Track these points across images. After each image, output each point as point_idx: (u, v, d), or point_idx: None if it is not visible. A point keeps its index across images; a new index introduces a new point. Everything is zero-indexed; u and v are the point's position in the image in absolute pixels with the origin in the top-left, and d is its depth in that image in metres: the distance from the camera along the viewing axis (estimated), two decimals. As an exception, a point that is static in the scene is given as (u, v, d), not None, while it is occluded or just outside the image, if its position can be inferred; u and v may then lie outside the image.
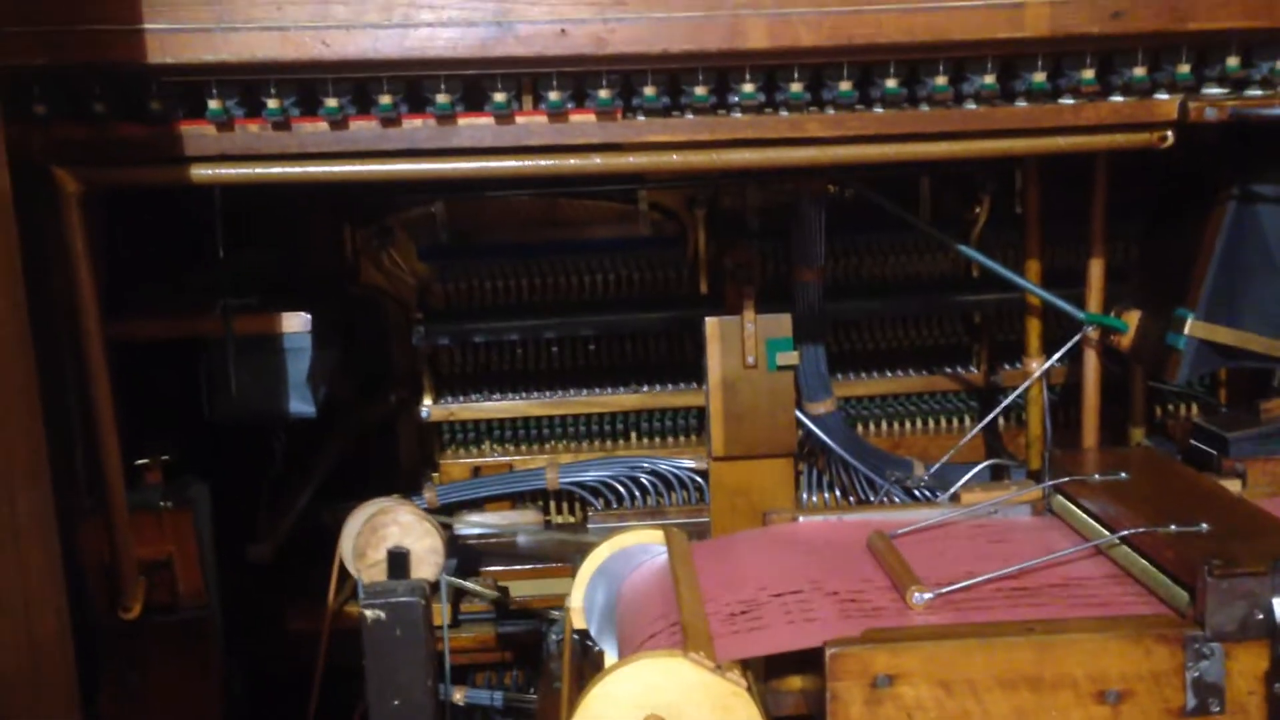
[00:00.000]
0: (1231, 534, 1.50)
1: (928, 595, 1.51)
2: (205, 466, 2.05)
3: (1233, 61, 1.63)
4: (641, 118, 1.67)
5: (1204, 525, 1.52)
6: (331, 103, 1.64)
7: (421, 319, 2.47)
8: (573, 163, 1.69)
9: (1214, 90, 1.67)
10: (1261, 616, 1.37)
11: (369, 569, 1.61)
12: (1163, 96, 1.67)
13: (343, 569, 1.92)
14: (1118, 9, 1.57)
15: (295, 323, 2.05)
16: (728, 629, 1.51)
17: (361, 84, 1.65)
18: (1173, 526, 1.53)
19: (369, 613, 1.47)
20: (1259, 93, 1.66)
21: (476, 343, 2.53)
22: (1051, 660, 1.39)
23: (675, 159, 1.69)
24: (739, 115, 1.67)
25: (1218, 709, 1.39)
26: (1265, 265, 1.81)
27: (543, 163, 1.69)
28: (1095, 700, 1.39)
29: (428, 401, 2.50)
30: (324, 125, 1.67)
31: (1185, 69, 1.65)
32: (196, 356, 2.06)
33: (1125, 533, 1.58)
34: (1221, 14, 1.57)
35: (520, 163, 1.69)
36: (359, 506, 1.85)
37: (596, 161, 1.69)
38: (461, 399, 2.52)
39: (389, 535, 1.60)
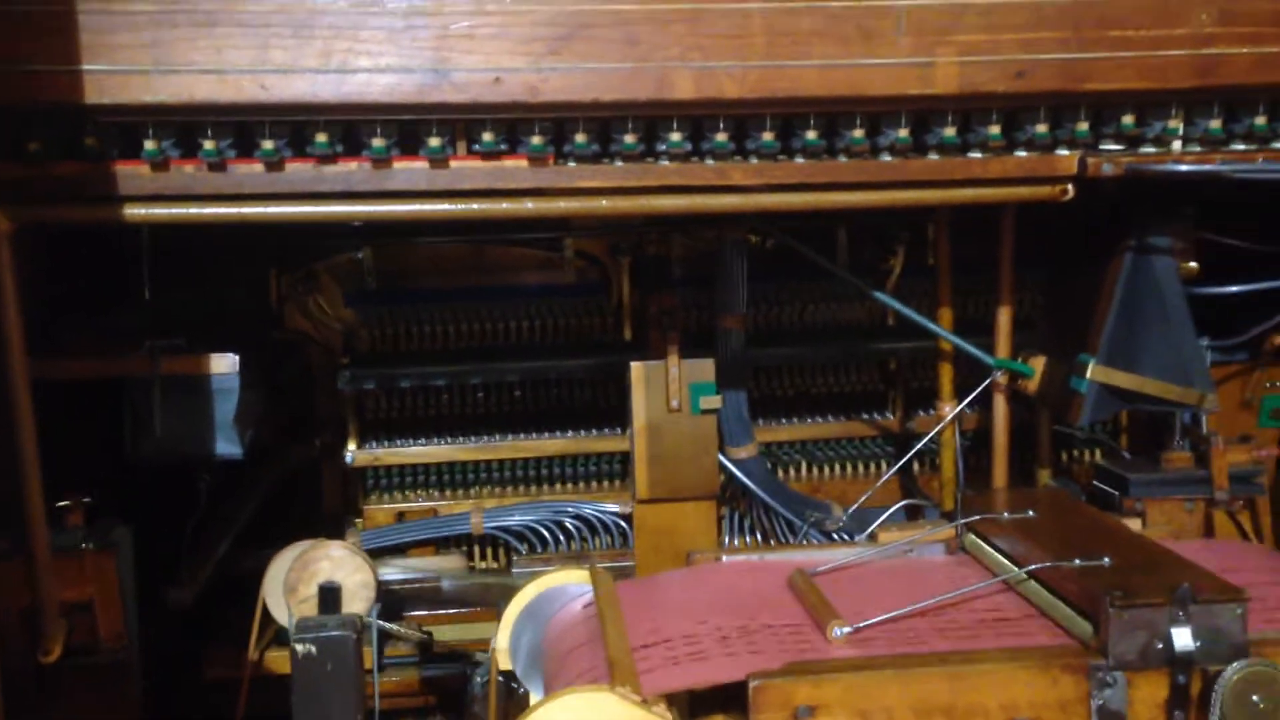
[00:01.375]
0: (1132, 568, 1.57)
1: (847, 629, 1.56)
2: (128, 508, 2.03)
3: (1128, 120, 1.74)
4: (573, 164, 1.72)
5: (1106, 560, 1.59)
6: (268, 145, 1.66)
7: (347, 363, 2.48)
8: (505, 206, 1.73)
9: (1111, 147, 1.77)
10: (1161, 646, 1.43)
11: (300, 605, 1.61)
12: (1063, 152, 1.77)
13: (265, 615, 1.91)
14: (1021, 69, 1.66)
15: (223, 364, 2.05)
16: (653, 664, 1.53)
17: (298, 127, 1.67)
18: (1077, 561, 1.59)
19: (300, 647, 1.47)
20: (1152, 150, 1.77)
21: (402, 387, 2.53)
22: (964, 690, 1.43)
23: (605, 204, 1.74)
24: (667, 163, 1.73)
25: (1121, 735, 1.45)
26: (1159, 313, 1.90)
27: (475, 206, 1.73)
28: (1006, 728, 1.44)
29: (352, 446, 2.50)
30: (259, 167, 1.68)
31: (1084, 127, 1.74)
32: (120, 396, 2.05)
33: (1033, 568, 1.65)
34: (1117, 76, 1.67)
35: (454, 206, 1.72)
36: (284, 550, 1.86)
37: (528, 206, 1.73)
38: (386, 444, 2.52)
39: (320, 570, 1.60)
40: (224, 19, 1.57)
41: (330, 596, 1.56)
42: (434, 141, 1.68)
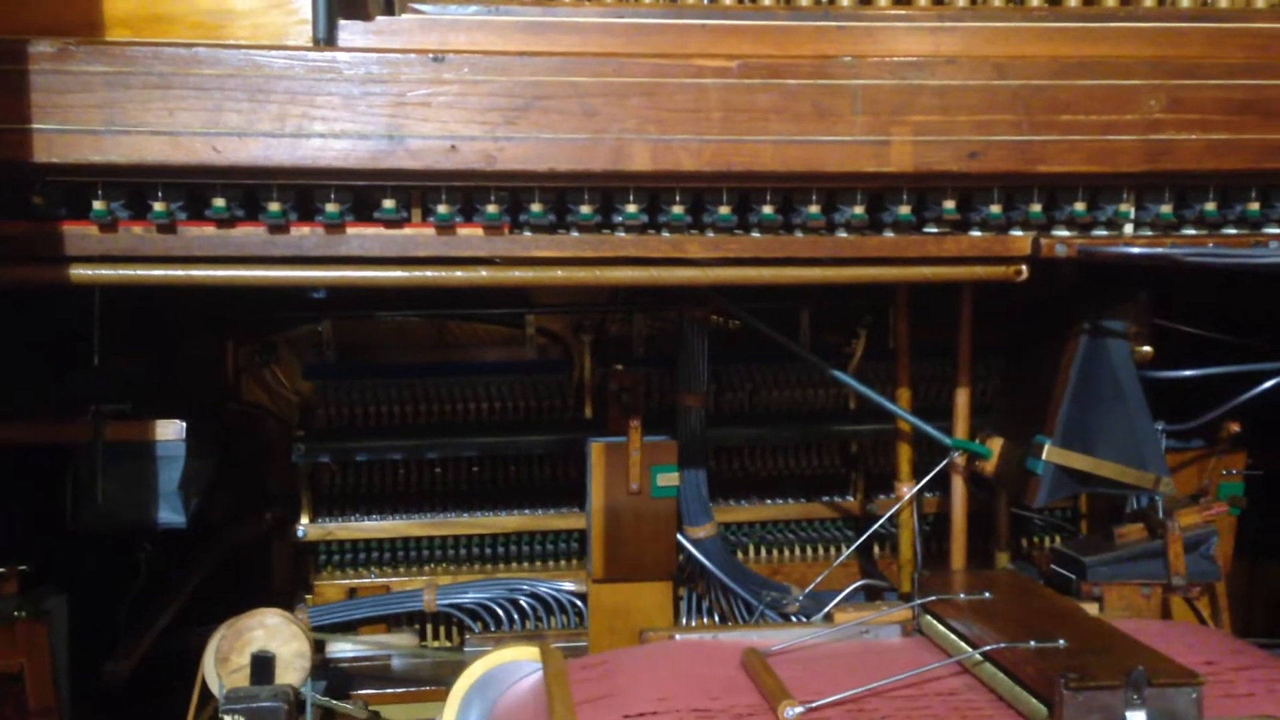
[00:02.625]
0: (1088, 650, 1.55)
1: (799, 710, 1.52)
2: (67, 578, 1.97)
3: (1080, 203, 1.75)
4: (528, 233, 1.72)
5: (1062, 642, 1.57)
6: (219, 204, 1.65)
7: (302, 436, 2.45)
8: (459, 275, 1.72)
9: (1064, 230, 1.78)
10: (1115, 729, 1.41)
11: (231, 675, 1.55)
12: (1017, 233, 1.78)
13: (205, 690, 1.85)
14: (974, 150, 1.68)
15: (169, 431, 2.02)
16: (600, 744, 1.50)
17: (250, 190, 1.67)
18: (1032, 643, 1.57)
19: (228, 719, 1.41)
20: (1105, 233, 1.78)
21: (358, 462, 2.51)
22: (917, 772, 1.40)
23: (560, 274, 1.73)
24: (623, 235, 1.73)
25: (1077, 820, 1.41)
26: (1114, 395, 1.91)
27: (429, 274, 1.71)
28: (958, 813, 1.40)
29: (304, 520, 2.46)
30: (210, 229, 1.67)
31: (1037, 208, 1.76)
32: (61, 463, 2.00)
33: (988, 649, 1.62)
34: (1068, 159, 1.69)
35: (407, 273, 1.71)
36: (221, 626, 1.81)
37: (483, 274, 1.72)
38: (340, 519, 2.48)
39: (254, 639, 1.55)
40: (178, 81, 1.57)
41: (262, 666, 1.51)
42: (388, 205, 1.68)
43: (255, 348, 2.54)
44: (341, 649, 2.36)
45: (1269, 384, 2.02)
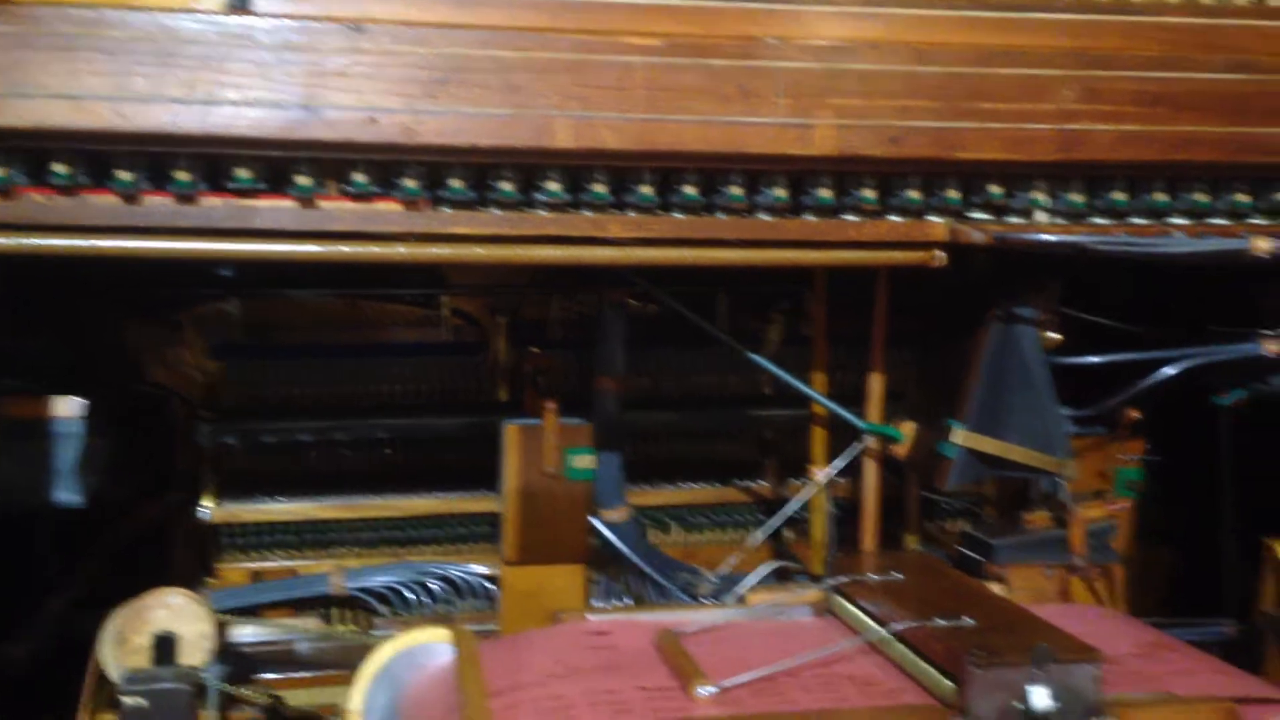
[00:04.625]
0: (994, 629, 1.58)
1: (711, 689, 1.53)
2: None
3: (995, 190, 1.78)
4: (448, 210, 1.69)
5: (969, 621, 1.60)
6: (124, 176, 1.60)
7: (208, 417, 2.39)
8: (376, 250, 1.68)
9: (979, 216, 1.81)
10: (1020, 706, 1.44)
11: (131, 655, 1.50)
12: (935, 219, 1.80)
13: (100, 677, 1.79)
14: (895, 135, 1.70)
15: (67, 408, 1.95)
16: (513, 724, 1.48)
17: (158, 159, 1.61)
18: (941, 622, 1.60)
19: (128, 700, 1.36)
20: (1019, 220, 1.82)
21: (265, 443, 2.45)
22: (828, 749, 1.42)
23: (480, 252, 1.70)
24: (544, 213, 1.71)
25: (981, 796, 1.44)
26: (1024, 382, 1.95)
27: (345, 249, 1.68)
28: (869, 789, 1.42)
29: (209, 502, 2.40)
30: (115, 199, 1.62)
31: (955, 194, 1.78)
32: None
33: (898, 627, 1.65)
34: (986, 146, 1.72)
35: (322, 248, 1.67)
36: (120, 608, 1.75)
37: (401, 251, 1.69)
38: (246, 501, 2.42)
39: (156, 619, 1.51)
40: (83, 43, 1.51)
41: (165, 647, 1.47)
42: (303, 180, 1.64)
43: (160, 326, 2.47)
44: (243, 633, 2.30)
45: (1167, 372, 2.08)
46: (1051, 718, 1.43)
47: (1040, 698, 1.44)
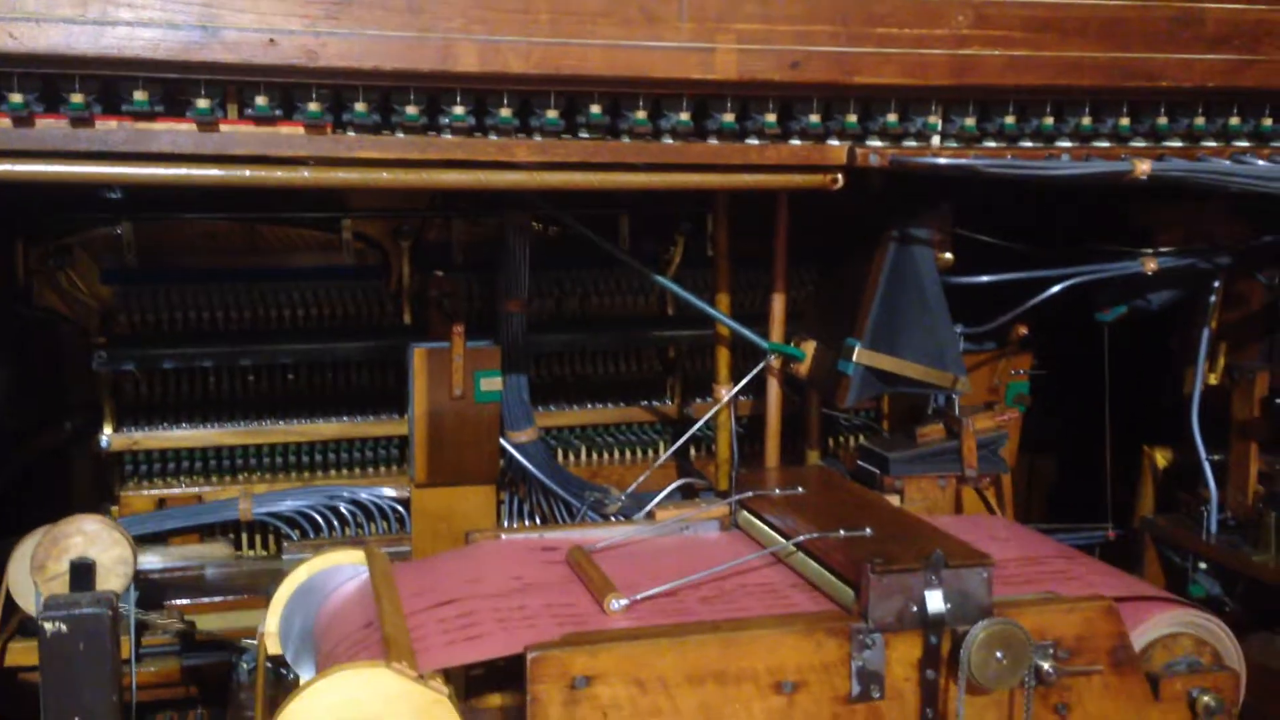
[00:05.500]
0: (891, 538, 1.66)
1: (623, 602, 1.58)
2: None
3: (892, 115, 1.83)
4: (352, 134, 1.67)
5: (868, 531, 1.67)
6: (16, 99, 1.55)
7: (103, 343, 2.34)
8: (280, 175, 1.66)
9: (877, 141, 1.85)
10: (916, 609, 1.52)
11: (49, 582, 1.50)
12: (834, 143, 1.84)
13: (10, 605, 1.78)
14: (795, 60, 1.72)
15: (-46, 334, 1.90)
16: (431, 641, 1.52)
17: (51, 80, 1.57)
18: (841, 532, 1.67)
19: (48, 625, 1.36)
20: (914, 144, 1.86)
21: (165, 369, 2.42)
22: (735, 655, 1.48)
23: (385, 176, 1.69)
24: (450, 137, 1.70)
25: (878, 695, 1.52)
26: (919, 301, 2.01)
27: (248, 173, 1.65)
28: (774, 691, 1.49)
29: (108, 430, 2.37)
30: (7, 122, 1.56)
31: (853, 119, 1.82)
32: None
33: (800, 539, 1.72)
34: (883, 70, 1.75)
35: (223, 171, 1.64)
36: (31, 533, 1.73)
37: (305, 175, 1.67)
38: (146, 428, 2.40)
39: (73, 546, 1.50)
40: (-30, -40, 1.45)
41: (83, 572, 1.46)
42: (202, 103, 1.61)
43: (48, 250, 2.40)
44: (151, 560, 2.30)
45: (1053, 289, 2.17)
46: (945, 619, 1.52)
47: (935, 601, 1.52)
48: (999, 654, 1.49)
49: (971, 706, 1.53)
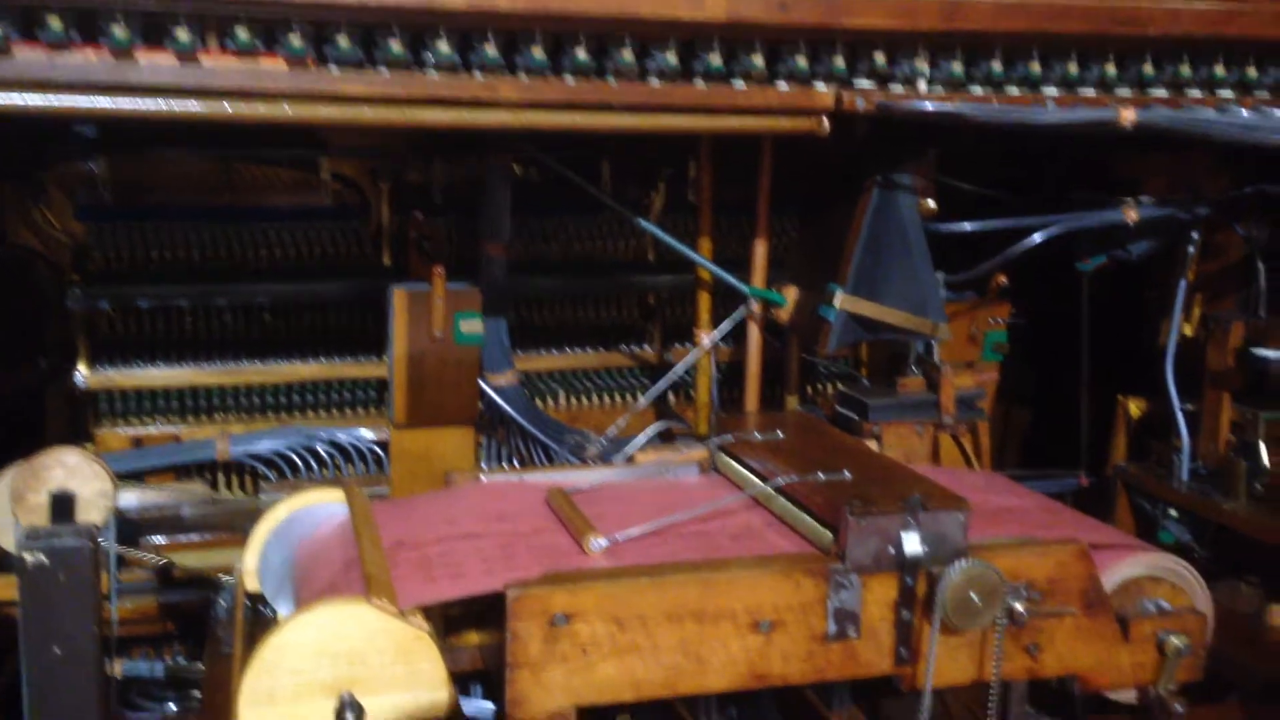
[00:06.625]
0: (869, 482, 1.67)
1: (603, 542, 1.59)
2: None
3: (879, 59, 1.82)
4: (335, 69, 1.65)
5: (847, 474, 1.69)
6: (-10, 24, 1.52)
7: (78, 281, 2.32)
8: (261, 110, 1.64)
9: (864, 84, 1.84)
10: (893, 551, 1.54)
11: (28, 513, 1.49)
12: (821, 87, 1.83)
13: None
14: (783, 1, 1.71)
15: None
16: (409, 578, 1.52)
17: (28, 9, 1.53)
18: (821, 476, 1.68)
19: (28, 556, 1.35)
20: (901, 89, 1.86)
21: (141, 308, 2.40)
22: (714, 595, 1.49)
23: (369, 113, 1.67)
24: (434, 74, 1.68)
25: (854, 634, 1.54)
26: (901, 247, 2.02)
27: (228, 107, 1.63)
28: (751, 630, 1.51)
29: (83, 369, 2.35)
30: (-19, 50, 1.54)
31: (840, 63, 1.81)
32: None
33: (780, 482, 1.73)
34: (871, 12, 1.74)
35: (204, 105, 1.62)
36: (7, 469, 1.72)
37: (287, 110, 1.65)
38: (122, 367, 2.38)
39: (53, 478, 1.49)
40: (-58, -123, 1.42)
41: (63, 504, 1.45)
42: (182, 35, 1.58)
43: (20, 185, 2.37)
44: (128, 499, 2.29)
45: (1034, 239, 2.17)
46: (921, 560, 1.53)
47: (911, 543, 1.53)
48: (973, 595, 1.51)
49: (945, 646, 1.55)
